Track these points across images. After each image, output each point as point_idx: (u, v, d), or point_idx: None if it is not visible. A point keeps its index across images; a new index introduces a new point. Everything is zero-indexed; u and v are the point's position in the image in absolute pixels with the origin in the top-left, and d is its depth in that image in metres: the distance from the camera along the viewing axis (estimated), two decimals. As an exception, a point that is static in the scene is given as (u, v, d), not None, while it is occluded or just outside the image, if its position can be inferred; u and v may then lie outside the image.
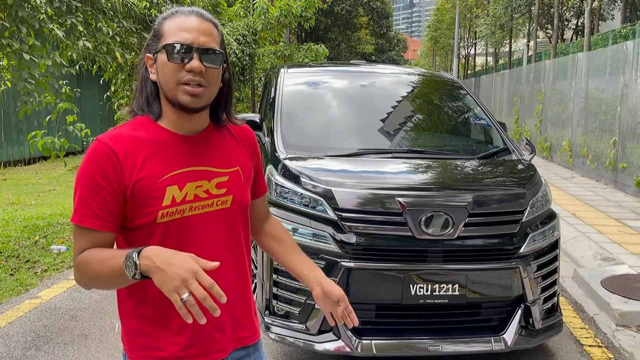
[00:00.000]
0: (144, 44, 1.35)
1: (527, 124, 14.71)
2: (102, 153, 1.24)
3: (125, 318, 1.36)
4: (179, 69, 1.25)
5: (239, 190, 1.39)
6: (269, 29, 11.86)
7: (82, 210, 1.24)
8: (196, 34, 1.27)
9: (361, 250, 2.86)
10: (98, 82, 12.90)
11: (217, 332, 1.35)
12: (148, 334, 1.32)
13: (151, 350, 1.32)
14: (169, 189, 1.27)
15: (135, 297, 1.32)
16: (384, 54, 40.70)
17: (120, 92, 8.31)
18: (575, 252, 5.38)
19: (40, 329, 3.61)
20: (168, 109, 1.32)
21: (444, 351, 2.90)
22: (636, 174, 8.03)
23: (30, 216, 6.63)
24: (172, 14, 1.31)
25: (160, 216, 1.26)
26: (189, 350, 1.32)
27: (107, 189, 1.23)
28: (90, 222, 1.23)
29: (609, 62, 9.39)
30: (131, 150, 1.26)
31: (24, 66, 4.76)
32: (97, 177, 1.23)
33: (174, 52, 1.25)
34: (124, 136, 1.28)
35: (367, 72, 4.54)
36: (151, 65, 1.32)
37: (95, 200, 1.23)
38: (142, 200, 1.25)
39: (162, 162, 1.28)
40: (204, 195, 1.32)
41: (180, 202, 1.28)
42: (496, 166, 3.54)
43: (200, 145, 1.35)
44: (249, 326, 1.45)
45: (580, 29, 22.71)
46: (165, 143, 1.31)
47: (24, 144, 12.30)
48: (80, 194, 1.24)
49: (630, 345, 3.47)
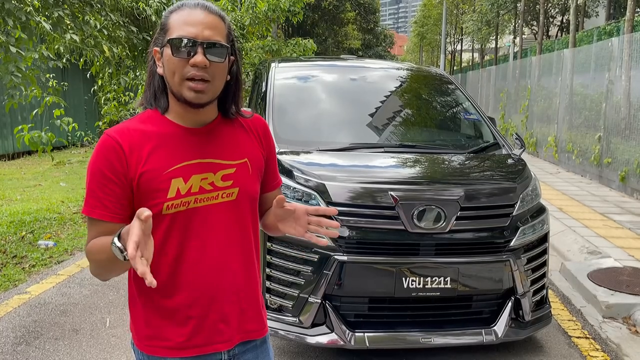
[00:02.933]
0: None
1: (513, 120, 14.85)
2: (109, 146, 1.27)
3: (133, 308, 1.38)
4: (183, 63, 1.25)
5: (247, 183, 1.39)
6: (256, 23, 11.78)
7: (92, 202, 1.27)
8: (200, 27, 1.26)
9: (354, 243, 2.88)
10: (83, 76, 12.75)
11: (222, 324, 1.36)
12: (154, 325, 1.34)
13: (158, 339, 1.34)
14: (174, 181, 1.28)
15: (141, 288, 1.34)
16: (371, 49, 40.70)
17: (107, 86, 8.22)
18: (562, 246, 5.46)
19: (30, 324, 3.58)
20: (174, 102, 1.33)
21: (436, 343, 2.94)
22: (621, 169, 8.16)
23: (16, 211, 6.55)
24: (178, 7, 1.31)
25: (166, 208, 1.27)
26: (193, 340, 1.34)
27: (115, 181, 1.26)
28: (99, 214, 1.26)
29: (593, 59, 9.51)
30: (137, 143, 1.28)
31: (10, 59, 4.69)
32: (105, 169, 1.26)
33: (178, 47, 1.25)
34: (130, 130, 1.30)
35: (358, 67, 4.55)
36: (158, 59, 1.32)
37: (104, 192, 1.26)
38: (147, 192, 1.27)
39: (168, 155, 1.29)
40: (209, 188, 1.32)
41: (185, 194, 1.29)
42: (487, 160, 3.58)
43: (207, 137, 1.36)
44: (257, 320, 1.45)
45: (565, 25, 22.92)
46: (172, 136, 1.32)
47: (8, 138, 12.12)
48: (90, 186, 1.27)
49: (617, 336, 3.54)
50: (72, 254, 5.10)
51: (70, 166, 11.07)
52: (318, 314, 2.89)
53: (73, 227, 6.04)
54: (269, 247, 2.95)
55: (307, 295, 2.88)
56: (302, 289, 2.89)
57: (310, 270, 2.87)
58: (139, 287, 1.34)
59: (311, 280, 2.87)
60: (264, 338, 1.50)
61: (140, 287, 1.34)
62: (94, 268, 1.29)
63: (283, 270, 2.95)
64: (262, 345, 1.49)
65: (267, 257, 2.97)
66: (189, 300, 1.32)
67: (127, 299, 1.41)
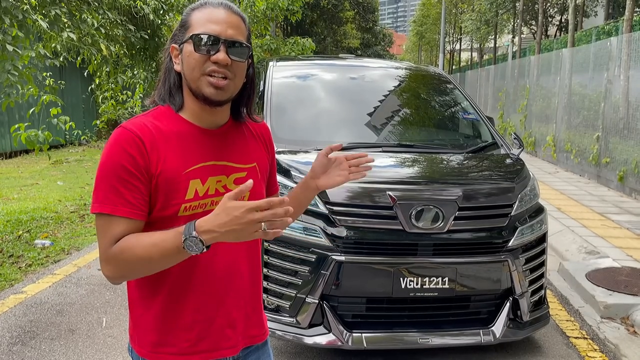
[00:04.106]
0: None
1: (512, 119, 14.85)
2: (129, 140, 1.21)
3: (135, 313, 1.33)
4: (204, 59, 1.24)
5: (256, 187, 1.37)
6: (255, 22, 11.77)
7: (114, 198, 1.19)
8: (224, 26, 1.25)
9: (352, 243, 2.86)
10: (81, 75, 12.70)
11: (229, 329, 1.34)
12: (159, 330, 1.30)
13: (162, 346, 1.30)
14: (192, 182, 1.25)
15: (146, 292, 1.30)
16: (370, 48, 40.70)
17: (105, 85, 8.20)
18: (560, 246, 5.46)
19: (26, 324, 3.56)
20: (190, 100, 1.30)
21: (434, 344, 2.93)
22: (619, 168, 8.15)
23: (12, 210, 6.52)
24: (201, 5, 1.30)
25: (183, 209, 1.24)
26: (199, 345, 1.31)
27: (138, 176, 1.20)
28: (126, 211, 1.19)
29: (592, 59, 9.50)
30: (156, 140, 1.24)
31: (6, 58, 4.66)
32: (127, 164, 1.19)
33: (201, 43, 1.24)
34: (148, 125, 1.25)
35: (357, 66, 4.53)
36: (176, 56, 1.30)
37: (127, 188, 1.19)
38: (165, 192, 1.23)
39: (185, 155, 1.26)
40: (223, 191, 1.29)
41: (202, 196, 1.26)
42: (485, 160, 3.56)
43: (221, 139, 1.34)
44: (259, 324, 1.44)
45: (564, 25, 22.93)
46: (187, 135, 1.29)
47: (6, 137, 12.08)
48: (109, 182, 1.19)
49: (615, 336, 3.53)
50: (69, 254, 5.08)
51: (67, 165, 11.04)
52: (315, 314, 2.88)
53: (70, 226, 6.02)
54: (267, 247, 2.94)
55: (305, 295, 2.87)
56: (299, 289, 2.88)
57: (308, 270, 2.86)
58: (144, 290, 1.30)
59: (309, 280, 2.86)
60: (265, 340, 1.49)
61: (146, 290, 1.29)
62: (125, 267, 1.18)
63: (280, 270, 2.93)
64: (263, 347, 1.48)
65: (265, 257, 2.95)
66: (197, 303, 1.29)
67: (127, 302, 1.37)
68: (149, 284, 1.29)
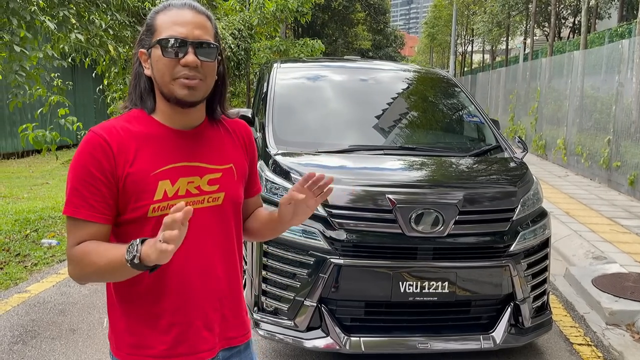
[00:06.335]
0: (137, 38, 1.33)
1: (522, 122, 14.72)
2: (96, 144, 1.22)
3: (113, 316, 1.34)
4: (174, 63, 1.24)
5: (232, 188, 1.37)
6: (265, 23, 11.80)
7: (76, 201, 1.22)
8: (190, 27, 1.25)
9: (351, 247, 2.84)
10: (92, 75, 12.82)
11: (206, 331, 1.33)
12: (136, 332, 1.30)
13: (139, 348, 1.30)
14: (161, 183, 1.25)
15: (123, 296, 1.31)
16: (381, 50, 40.59)
17: (114, 85, 8.25)
18: (567, 251, 5.39)
19: (28, 323, 3.58)
20: (162, 103, 1.30)
21: (433, 349, 2.89)
22: (630, 172, 8.04)
23: (21, 209, 6.59)
24: (165, 7, 1.29)
25: (152, 210, 1.24)
26: (177, 349, 1.30)
27: (102, 180, 1.21)
28: (86, 214, 1.21)
29: (604, 61, 9.39)
30: (125, 143, 1.24)
31: (14, 58, 4.71)
32: (92, 168, 1.21)
33: (169, 47, 1.23)
34: (117, 128, 1.26)
35: (360, 68, 4.51)
36: (145, 61, 1.30)
37: (90, 191, 1.21)
38: (133, 193, 1.24)
39: (155, 156, 1.26)
40: (195, 192, 1.30)
41: (172, 197, 1.26)
42: (488, 164, 3.53)
43: (194, 140, 1.33)
44: (239, 326, 1.43)
45: (577, 27, 22.72)
46: (159, 137, 1.29)
47: (17, 137, 12.21)
48: (74, 185, 1.22)
49: (620, 344, 3.48)
50: (75, 253, 5.11)
51: (78, 165, 11.12)
52: (313, 317, 2.86)
53: (77, 225, 6.05)
54: (265, 249, 2.93)
55: (303, 298, 2.86)
56: (297, 291, 2.86)
57: (306, 273, 2.85)
58: (121, 293, 1.31)
59: (307, 283, 2.84)
60: (247, 343, 1.47)
61: (122, 293, 1.31)
62: (81, 270, 1.22)
63: (279, 273, 2.92)
64: (245, 350, 1.47)
65: (263, 259, 2.95)
66: (173, 306, 1.29)
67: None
68: (125, 288, 1.29)
